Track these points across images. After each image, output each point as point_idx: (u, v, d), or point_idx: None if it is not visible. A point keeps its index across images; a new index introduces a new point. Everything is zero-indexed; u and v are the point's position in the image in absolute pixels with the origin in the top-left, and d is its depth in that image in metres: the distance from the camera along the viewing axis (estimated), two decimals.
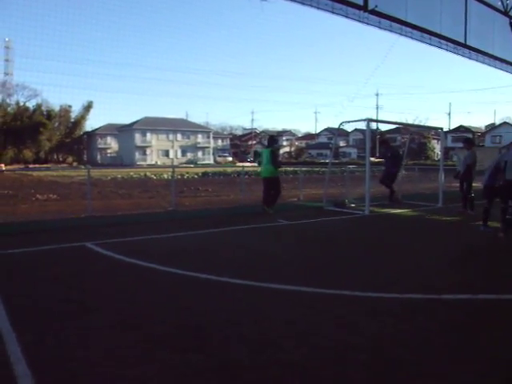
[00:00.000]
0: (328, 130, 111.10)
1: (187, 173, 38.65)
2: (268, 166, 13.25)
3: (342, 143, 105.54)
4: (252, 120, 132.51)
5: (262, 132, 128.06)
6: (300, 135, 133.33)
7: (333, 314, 4.87)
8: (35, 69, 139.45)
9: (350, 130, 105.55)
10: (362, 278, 6.41)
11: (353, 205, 14.64)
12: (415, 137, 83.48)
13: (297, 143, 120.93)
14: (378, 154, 16.70)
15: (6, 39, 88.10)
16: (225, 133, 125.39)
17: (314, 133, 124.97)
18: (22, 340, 4.03)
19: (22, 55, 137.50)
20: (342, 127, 15.77)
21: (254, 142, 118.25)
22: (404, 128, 63.58)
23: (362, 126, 62.69)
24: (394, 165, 15.18)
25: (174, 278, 6.31)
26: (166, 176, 34.43)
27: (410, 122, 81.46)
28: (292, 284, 5.89)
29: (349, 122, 15.17)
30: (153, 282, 6.17)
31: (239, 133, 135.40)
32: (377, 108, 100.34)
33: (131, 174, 39.65)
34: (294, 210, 14.14)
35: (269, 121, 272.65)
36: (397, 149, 17.44)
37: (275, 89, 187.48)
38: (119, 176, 36.22)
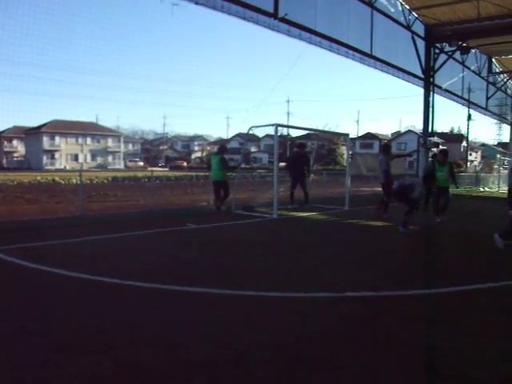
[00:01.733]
0: (239, 135, 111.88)
1: (96, 177, 37.76)
2: (217, 172, 14.72)
3: (253, 148, 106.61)
4: (164, 125, 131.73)
5: (174, 137, 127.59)
6: (212, 140, 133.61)
7: (240, 313, 4.97)
8: None
9: (261, 136, 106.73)
10: (268, 278, 6.56)
11: (261, 208, 14.84)
12: (325, 143, 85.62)
13: (208, 148, 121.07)
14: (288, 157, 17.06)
15: None
16: (136, 137, 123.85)
17: (225, 138, 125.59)
18: None
19: None
20: (251, 132, 15.95)
21: (166, 146, 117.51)
22: (314, 134, 64.89)
23: (273, 131, 63.46)
24: (303, 173, 15.99)
25: (79, 282, 6.20)
26: (74, 181, 33.56)
27: (321, 128, 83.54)
28: (197, 286, 5.95)
29: (258, 126, 15.41)
30: (57, 286, 6.04)
31: (151, 137, 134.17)
32: (288, 114, 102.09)
33: (38, 178, 38.37)
34: (203, 214, 14.17)
35: (181, 126, 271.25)
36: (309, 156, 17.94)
37: (187, 94, 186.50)
38: (26, 180, 34.96)
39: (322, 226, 12.70)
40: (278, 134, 14.26)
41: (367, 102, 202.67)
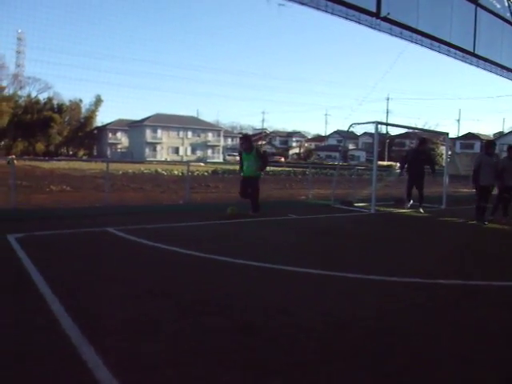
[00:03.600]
0: (338, 132, 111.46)
1: (197, 170, 39.14)
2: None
3: (351, 146, 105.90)
4: (262, 120, 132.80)
5: (272, 132, 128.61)
6: (310, 137, 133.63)
7: (341, 291, 5.45)
8: (47, 61, 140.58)
9: (359, 134, 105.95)
10: (367, 264, 6.99)
11: (360, 204, 15.11)
12: None
13: (306, 144, 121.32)
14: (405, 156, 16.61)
15: (19, 30, 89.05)
16: (235, 132, 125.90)
17: (323, 135, 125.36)
18: (64, 303, 4.63)
19: (34, 47, 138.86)
20: (351, 129, 16.33)
21: (264, 142, 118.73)
22: (413, 133, 63.77)
23: (372, 129, 62.97)
24: (423, 172, 15.00)
25: (196, 258, 6.95)
26: (176, 172, 34.97)
27: (420, 127, 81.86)
28: (301, 267, 6.49)
29: (358, 123, 15.81)
30: (177, 261, 6.83)
31: (249, 132, 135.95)
32: (387, 112, 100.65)
33: (142, 169, 40.21)
34: (302, 207, 14.72)
35: (279, 121, 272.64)
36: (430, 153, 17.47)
37: (286, 90, 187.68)
38: (130, 171, 36.75)
39: (417, 222, 12.86)
40: (385, 132, 14.48)
41: (469, 102, 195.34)
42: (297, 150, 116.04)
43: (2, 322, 4.17)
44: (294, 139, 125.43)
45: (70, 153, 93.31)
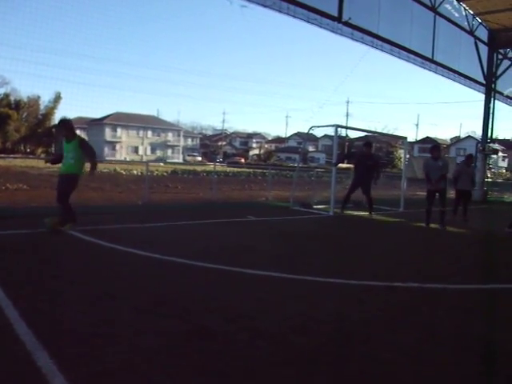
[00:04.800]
0: (298, 134, 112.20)
1: (157, 170, 38.88)
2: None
3: (311, 148, 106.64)
4: (223, 121, 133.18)
5: (233, 133, 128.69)
6: (270, 138, 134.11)
7: (298, 293, 5.48)
8: (4, 56, 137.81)
9: (319, 136, 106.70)
10: (325, 266, 7.05)
11: (319, 206, 15.21)
12: (383, 146, 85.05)
13: (266, 146, 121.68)
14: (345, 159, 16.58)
15: None
16: (195, 132, 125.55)
17: (284, 136, 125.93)
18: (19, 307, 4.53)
19: None
20: (311, 132, 16.38)
21: (224, 142, 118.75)
22: (372, 136, 64.56)
23: (332, 131, 63.90)
24: (369, 177, 14.30)
25: (153, 260, 6.87)
26: (135, 172, 34.67)
27: (379, 130, 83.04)
28: (258, 269, 6.52)
29: (318, 126, 15.87)
30: (134, 262, 6.78)
31: (210, 133, 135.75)
32: (347, 115, 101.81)
33: (101, 168, 39.72)
34: (262, 209, 14.75)
35: (240, 122, 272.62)
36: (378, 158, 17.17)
37: (248, 91, 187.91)
38: (88, 169, 36.24)
39: (375, 224, 13.13)
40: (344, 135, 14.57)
41: (427, 106, 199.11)
42: (257, 151, 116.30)
43: None
44: (254, 140, 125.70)
45: (28, 150, 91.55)
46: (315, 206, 15.31)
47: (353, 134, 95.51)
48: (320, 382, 3.34)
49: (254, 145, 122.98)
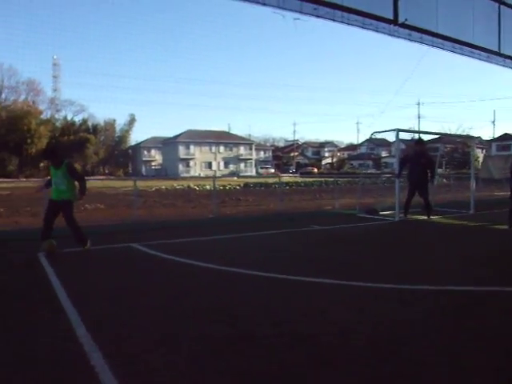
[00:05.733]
0: (369, 140, 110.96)
1: (229, 184, 39.50)
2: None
3: (384, 153, 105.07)
4: (294, 131, 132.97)
5: (304, 143, 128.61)
6: (343, 146, 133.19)
7: (346, 299, 5.54)
8: (81, 83, 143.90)
9: (392, 141, 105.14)
10: (378, 271, 7.06)
11: (385, 212, 15.07)
12: (458, 146, 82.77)
13: (339, 154, 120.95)
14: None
15: (54, 57, 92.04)
16: (267, 144, 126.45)
17: (356, 143, 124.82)
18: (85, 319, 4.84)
19: (69, 71, 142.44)
20: (373, 137, 16.29)
21: (296, 153, 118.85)
22: (446, 137, 62.93)
23: (406, 135, 62.43)
24: (425, 178, 13.96)
25: (210, 271, 7.12)
26: (208, 187, 35.33)
27: (454, 131, 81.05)
28: (312, 276, 6.61)
29: (380, 132, 15.75)
30: (191, 273, 7.04)
31: (281, 144, 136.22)
32: (418, 117, 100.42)
33: (175, 185, 40.71)
34: (327, 217, 14.83)
35: (312, 132, 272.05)
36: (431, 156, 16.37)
37: (317, 100, 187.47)
38: (163, 187, 37.27)
39: (438, 228, 12.81)
40: (409, 138, 14.30)
41: (504, 101, 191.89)
42: (329, 160, 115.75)
43: (27, 330, 4.43)
44: (326, 149, 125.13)
45: (106, 171, 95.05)
46: (381, 213, 15.15)
47: (426, 137, 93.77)
48: (354, 383, 3.42)
49: (327, 154, 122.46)
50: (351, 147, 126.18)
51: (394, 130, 14.08)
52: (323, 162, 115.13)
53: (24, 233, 11.04)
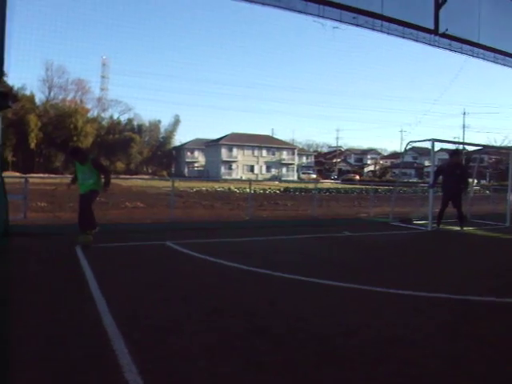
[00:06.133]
0: (413, 149, 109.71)
1: (269, 188, 39.76)
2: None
3: (427, 162, 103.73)
4: (337, 138, 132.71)
5: (347, 150, 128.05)
6: (386, 154, 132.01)
7: (361, 303, 5.75)
8: (128, 84, 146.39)
9: (436, 150, 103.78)
10: (402, 278, 7.22)
11: (418, 221, 15.08)
12: (503, 158, 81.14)
13: (382, 162, 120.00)
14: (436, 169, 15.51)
15: (103, 57, 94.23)
16: (311, 150, 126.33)
17: (399, 151, 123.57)
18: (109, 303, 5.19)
19: (117, 71, 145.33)
20: (409, 147, 16.28)
21: (339, 159, 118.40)
22: (491, 148, 61.77)
23: (449, 145, 61.53)
24: (459, 189, 13.87)
25: (237, 270, 7.43)
26: (248, 190, 35.63)
27: (499, 142, 79.58)
28: (332, 280, 6.81)
29: (416, 141, 15.75)
30: (219, 272, 7.35)
31: (324, 150, 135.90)
32: (463, 127, 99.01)
33: (215, 187, 41.22)
34: (360, 224, 15.01)
35: (355, 139, 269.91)
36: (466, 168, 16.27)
37: (361, 107, 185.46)
38: (204, 188, 37.79)
39: (472, 240, 12.78)
40: (454, 148, 14.15)
41: None
42: (372, 168, 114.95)
43: (56, 317, 4.77)
44: (369, 157, 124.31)
45: (150, 171, 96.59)
46: (415, 222, 15.18)
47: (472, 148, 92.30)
48: (352, 379, 3.64)
49: (369, 161, 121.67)
50: (394, 155, 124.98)
51: (429, 140, 14.10)
52: (365, 170, 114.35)
53: (64, 227, 11.50)
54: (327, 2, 12.90)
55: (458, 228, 13.99)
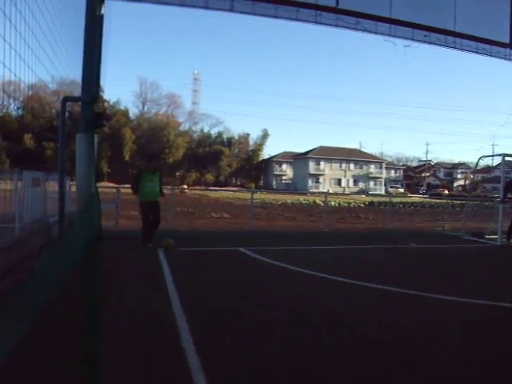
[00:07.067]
0: (507, 163, 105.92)
1: (354, 201, 40.06)
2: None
3: None
4: (426, 152, 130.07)
5: (437, 164, 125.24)
6: (479, 168, 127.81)
7: (400, 305, 6.40)
8: (218, 98, 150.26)
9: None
10: (441, 285, 7.75)
11: (491, 236, 15.19)
12: None
13: (472, 176, 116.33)
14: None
15: (195, 71, 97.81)
16: (400, 163, 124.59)
17: (491, 166, 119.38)
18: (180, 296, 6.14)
19: (208, 86, 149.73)
20: (481, 161, 16.37)
21: (428, 173, 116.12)
22: None
23: None
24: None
25: (297, 274, 8.28)
26: (333, 203, 36.15)
27: None
28: (381, 284, 7.48)
29: (487, 156, 15.96)
30: (279, 273, 8.33)
31: (414, 164, 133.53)
32: None
33: (301, 199, 41.89)
34: (430, 237, 15.41)
35: (445, 153, 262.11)
36: None
37: (452, 120, 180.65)
38: (289, 201, 38.55)
39: None
40: None
41: None
42: (461, 182, 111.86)
43: (129, 308, 5.77)
44: (459, 171, 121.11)
45: (238, 183, 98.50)
46: (487, 236, 15.33)
47: None
48: (369, 364, 4.34)
49: (459, 175, 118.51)
50: (486, 169, 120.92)
51: (500, 155, 14.27)
52: (455, 184, 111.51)
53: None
54: (398, 22, 13.36)
55: None
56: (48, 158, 54.72)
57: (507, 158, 15.41)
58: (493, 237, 14.83)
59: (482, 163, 16.65)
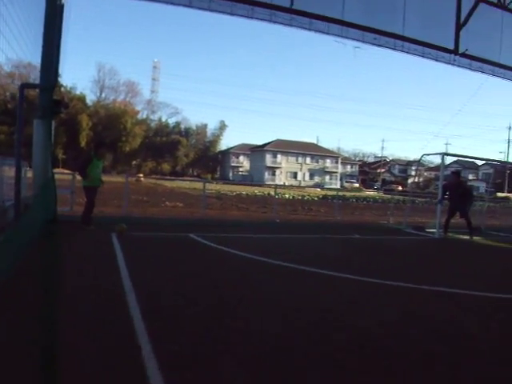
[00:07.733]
0: (458, 162, 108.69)
1: (309, 194, 40.75)
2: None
3: (471, 176, 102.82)
4: (382, 148, 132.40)
5: (392, 161, 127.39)
6: (432, 166, 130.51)
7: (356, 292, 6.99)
8: (176, 87, 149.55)
9: (480, 164, 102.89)
10: (396, 274, 8.32)
11: (431, 230, 15.96)
12: None
13: (425, 173, 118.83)
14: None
15: (155, 60, 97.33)
16: (357, 159, 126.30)
17: (445, 164, 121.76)
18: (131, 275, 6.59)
19: (167, 75, 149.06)
20: (422, 160, 17.01)
21: (383, 170, 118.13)
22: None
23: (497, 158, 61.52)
24: (463, 202, 14.95)
25: (247, 260, 8.80)
26: (287, 196, 36.71)
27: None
28: (321, 269, 8.10)
29: (428, 154, 16.71)
30: (223, 257, 8.95)
31: (371, 160, 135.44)
32: (508, 142, 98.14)
33: (255, 191, 42.35)
34: (374, 229, 16.18)
35: (401, 150, 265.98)
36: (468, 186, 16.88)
37: (408, 118, 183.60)
38: (244, 192, 38.95)
39: (474, 247, 13.58)
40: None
41: None
42: (415, 179, 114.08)
43: (83, 285, 6.19)
44: (413, 168, 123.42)
45: (195, 174, 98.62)
46: (427, 230, 16.13)
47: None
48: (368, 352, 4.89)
49: (413, 172, 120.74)
50: (439, 168, 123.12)
51: (439, 154, 15.01)
52: (409, 181, 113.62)
53: (106, 219, 13.05)
54: (349, 24, 14.00)
55: (467, 237, 14.82)
56: (1, 142, 53.99)
57: (457, 158, 16.19)
58: (432, 230, 15.65)
59: (424, 161, 17.24)
